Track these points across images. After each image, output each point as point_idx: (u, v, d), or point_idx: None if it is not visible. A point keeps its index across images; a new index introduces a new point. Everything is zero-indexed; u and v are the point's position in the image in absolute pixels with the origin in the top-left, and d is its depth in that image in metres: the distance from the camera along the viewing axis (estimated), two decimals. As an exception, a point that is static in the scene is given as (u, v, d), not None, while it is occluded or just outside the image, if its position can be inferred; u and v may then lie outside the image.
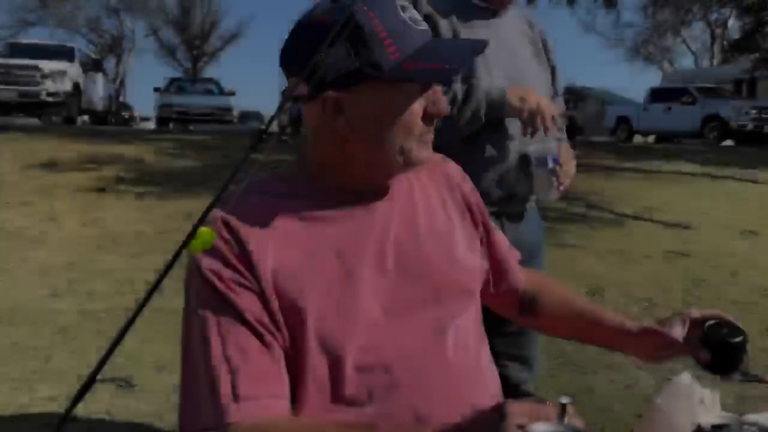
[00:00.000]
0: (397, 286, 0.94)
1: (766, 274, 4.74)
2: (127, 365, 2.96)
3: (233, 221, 0.89)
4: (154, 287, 0.68)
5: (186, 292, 0.90)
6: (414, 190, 1.03)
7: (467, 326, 1.01)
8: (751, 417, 0.97)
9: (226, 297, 0.86)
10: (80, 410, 2.53)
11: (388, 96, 0.89)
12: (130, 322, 0.68)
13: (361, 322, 0.90)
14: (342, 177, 0.95)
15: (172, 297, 3.99)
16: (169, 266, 0.69)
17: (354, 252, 0.93)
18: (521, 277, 1.20)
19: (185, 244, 0.72)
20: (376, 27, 0.87)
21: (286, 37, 0.94)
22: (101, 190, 6.48)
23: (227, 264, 0.87)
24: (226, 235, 0.88)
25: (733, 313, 1.05)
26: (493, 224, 1.16)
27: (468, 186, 1.13)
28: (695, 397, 1.04)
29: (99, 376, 0.72)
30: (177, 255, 0.72)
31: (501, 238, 1.18)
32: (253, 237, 0.88)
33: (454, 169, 1.14)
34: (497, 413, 0.77)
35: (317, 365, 0.88)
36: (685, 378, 1.05)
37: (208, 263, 0.87)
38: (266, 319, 0.86)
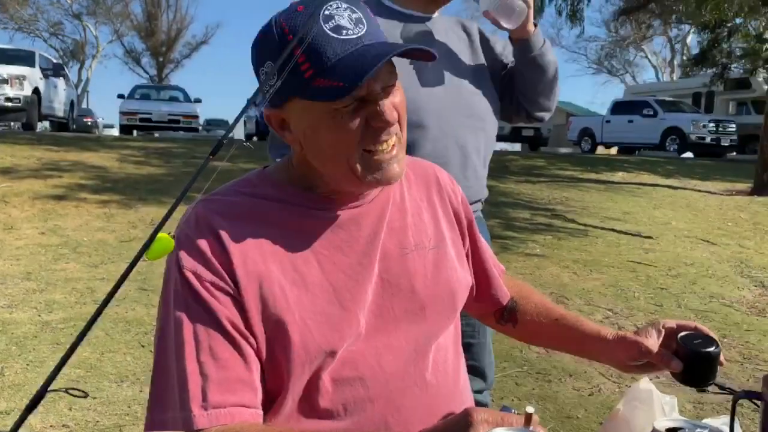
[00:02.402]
0: (382, 300, 0.93)
1: (723, 282, 4.87)
2: (87, 377, 2.89)
3: (216, 221, 0.87)
4: (110, 296, 0.66)
5: (164, 290, 0.88)
6: (405, 199, 1.01)
7: (447, 344, 1.01)
8: (707, 421, 0.99)
9: (204, 301, 0.84)
10: (37, 424, 2.45)
11: (315, 113, 0.85)
12: (85, 331, 0.66)
13: (346, 336, 0.88)
14: (321, 186, 0.93)
15: (134, 306, 3.92)
16: (126, 274, 0.67)
17: (340, 265, 0.91)
18: (505, 291, 1.18)
19: (143, 251, 0.70)
20: (292, 43, 0.83)
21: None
22: (61, 197, 6.33)
23: (207, 266, 0.85)
24: (208, 235, 0.86)
25: (693, 321, 1.07)
26: (480, 236, 1.14)
27: (457, 196, 1.09)
28: (655, 403, 1.05)
29: (53, 387, 0.70)
30: (134, 263, 0.70)
31: (488, 252, 1.16)
32: (235, 240, 0.86)
33: (445, 177, 1.10)
34: (464, 421, 0.77)
35: (296, 376, 0.86)
36: (645, 384, 1.07)
37: (188, 263, 0.85)
38: (242, 325, 0.84)
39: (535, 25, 1.62)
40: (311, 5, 0.85)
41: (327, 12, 0.84)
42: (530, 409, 0.73)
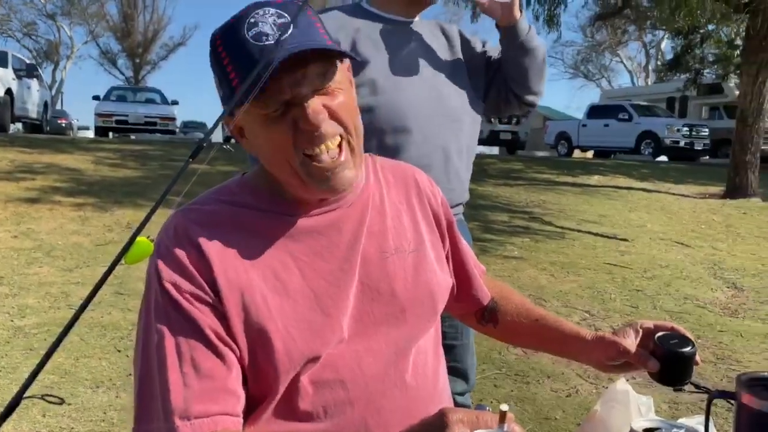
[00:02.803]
0: (362, 305, 0.93)
1: (697, 284, 4.95)
2: (62, 383, 2.84)
3: (195, 231, 0.87)
4: (88, 300, 0.66)
5: (144, 301, 0.87)
6: (384, 202, 1.01)
7: (427, 347, 1.01)
8: (682, 421, 1.01)
9: (185, 311, 0.83)
10: (10, 431, 2.40)
11: (252, 121, 0.87)
12: (62, 337, 0.65)
13: (329, 342, 0.89)
14: (286, 192, 0.93)
15: (109, 310, 3.87)
16: (104, 278, 0.66)
17: (321, 271, 0.91)
18: (486, 291, 1.19)
19: (122, 254, 0.70)
20: (221, 53, 0.86)
21: None
22: (35, 200, 6.23)
23: (187, 276, 0.84)
24: (187, 246, 0.86)
25: (669, 322, 1.08)
26: (460, 237, 1.14)
27: (437, 198, 1.10)
28: (631, 403, 1.07)
29: (28, 394, 0.69)
30: (113, 266, 0.69)
31: (468, 253, 1.17)
32: (215, 249, 0.86)
33: (424, 179, 1.11)
34: (439, 422, 0.78)
35: (279, 381, 0.86)
36: (622, 385, 1.08)
37: (167, 274, 0.84)
38: (224, 333, 0.84)
39: (520, 12, 1.65)
40: (241, 15, 0.86)
41: (252, 20, 0.85)
42: (504, 407, 0.74)
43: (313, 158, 0.86)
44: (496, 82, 1.73)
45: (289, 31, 0.84)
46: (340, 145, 0.88)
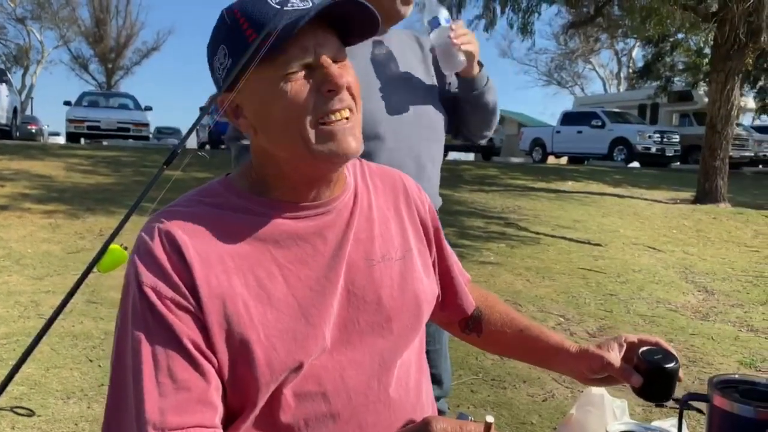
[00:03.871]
0: (347, 313, 0.91)
1: (669, 288, 5.03)
2: (31, 394, 2.78)
3: (178, 235, 0.83)
4: (59, 309, 0.64)
5: (122, 306, 0.84)
6: (372, 208, 0.99)
7: (410, 359, 0.99)
8: (656, 424, 1.03)
9: (164, 318, 0.80)
10: (-24, 445, 2.34)
11: (266, 85, 0.85)
12: (32, 347, 0.63)
13: (312, 352, 0.86)
14: (280, 184, 0.90)
15: (81, 319, 3.79)
16: (76, 286, 0.65)
17: (306, 280, 0.88)
18: (471, 300, 1.18)
19: (94, 262, 0.68)
20: (239, 18, 0.86)
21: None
22: (4, 208, 6.10)
23: (168, 282, 0.81)
24: (168, 249, 0.82)
25: (640, 326, 1.09)
26: (446, 245, 1.14)
27: (425, 204, 1.09)
28: (607, 407, 1.08)
29: (-4, 406, 0.67)
30: (85, 274, 0.68)
31: (453, 260, 1.16)
32: (198, 255, 0.83)
33: (412, 185, 1.09)
34: (423, 430, 0.78)
35: (260, 393, 0.84)
36: (597, 389, 1.10)
37: (148, 279, 0.81)
38: (203, 343, 0.81)
39: (481, 66, 1.68)
40: None
41: None
42: (490, 419, 0.74)
43: (326, 124, 0.86)
44: (449, 112, 1.76)
45: (310, 3, 0.86)
46: (348, 118, 0.88)
